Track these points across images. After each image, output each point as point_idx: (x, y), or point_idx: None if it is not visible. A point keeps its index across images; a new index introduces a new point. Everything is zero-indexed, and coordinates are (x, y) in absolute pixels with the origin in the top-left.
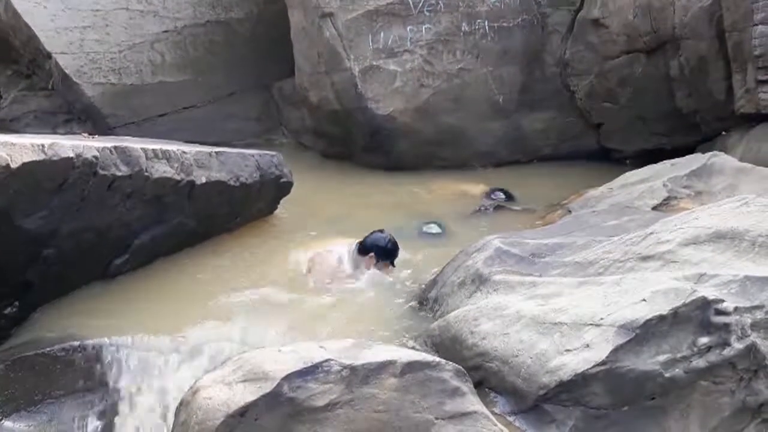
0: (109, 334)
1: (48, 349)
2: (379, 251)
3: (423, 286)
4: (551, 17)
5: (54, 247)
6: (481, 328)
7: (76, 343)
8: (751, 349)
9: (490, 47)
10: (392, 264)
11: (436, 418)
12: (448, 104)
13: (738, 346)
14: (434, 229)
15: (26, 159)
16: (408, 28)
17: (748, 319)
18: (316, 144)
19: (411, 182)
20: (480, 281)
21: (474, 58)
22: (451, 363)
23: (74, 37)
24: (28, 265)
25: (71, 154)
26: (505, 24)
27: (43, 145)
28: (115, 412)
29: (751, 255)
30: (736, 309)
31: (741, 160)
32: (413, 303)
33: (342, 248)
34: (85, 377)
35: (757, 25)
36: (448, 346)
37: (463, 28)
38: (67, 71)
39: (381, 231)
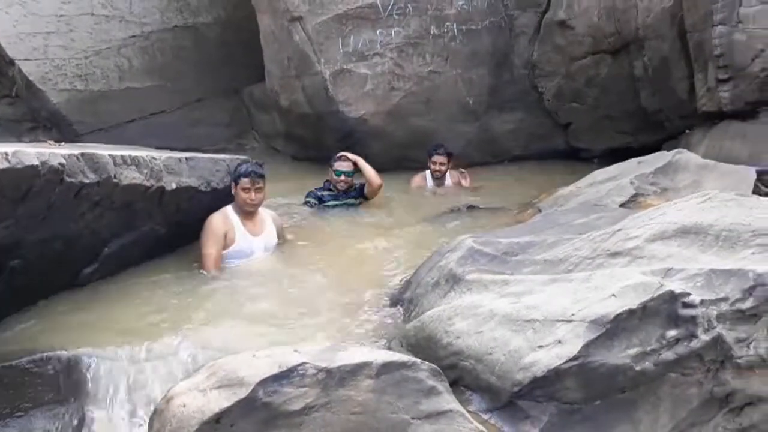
0: (79, 344)
1: (16, 361)
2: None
3: (397, 286)
4: (518, 19)
5: (20, 258)
6: (456, 327)
7: (45, 355)
8: (717, 341)
9: (459, 50)
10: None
11: (413, 418)
12: (418, 107)
13: (705, 337)
14: None
15: None
16: (378, 32)
17: (713, 311)
18: (288, 147)
19: (384, 184)
20: (454, 281)
21: (443, 60)
22: (426, 363)
23: (38, 43)
24: None
25: (36, 162)
26: (473, 26)
27: (6, 153)
28: (86, 424)
29: (716, 249)
30: (702, 302)
31: (704, 156)
32: (388, 304)
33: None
34: (54, 389)
35: (716, 25)
36: (424, 345)
37: (432, 31)
38: (31, 78)
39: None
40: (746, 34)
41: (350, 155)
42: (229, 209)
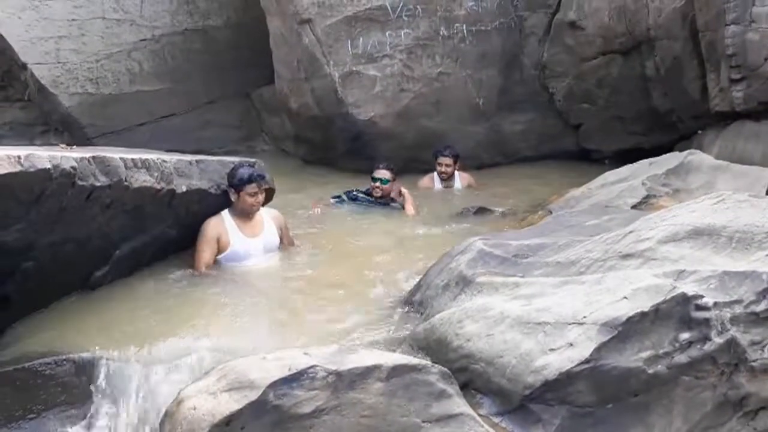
0: (90, 346)
1: (28, 363)
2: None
3: (408, 289)
4: (528, 20)
5: (32, 260)
6: (466, 329)
7: (58, 357)
8: (731, 343)
9: (468, 51)
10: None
11: (423, 421)
12: (428, 108)
13: (718, 340)
14: None
15: (2, 171)
16: (387, 33)
17: (727, 313)
18: (298, 150)
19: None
20: (464, 283)
21: (453, 62)
22: (436, 366)
23: (50, 47)
24: (6, 279)
25: (48, 165)
26: (483, 28)
27: (19, 157)
28: (98, 426)
29: (729, 250)
30: (715, 304)
31: (717, 157)
32: (398, 306)
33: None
34: (66, 391)
35: (729, 25)
36: (434, 348)
37: (441, 33)
38: (43, 82)
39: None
40: (759, 33)
41: (403, 190)
42: (225, 213)
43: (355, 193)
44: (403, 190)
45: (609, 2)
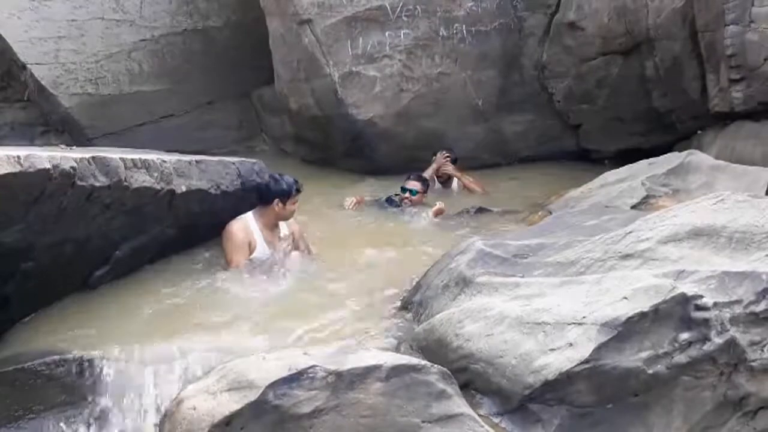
0: (90, 346)
1: (28, 363)
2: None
3: (407, 289)
4: (528, 21)
5: (32, 261)
6: (466, 330)
7: (57, 357)
8: (731, 344)
9: (468, 51)
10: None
11: (423, 422)
12: (427, 108)
13: (718, 340)
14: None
15: (2, 171)
16: (387, 34)
17: (727, 313)
18: (297, 150)
19: (392, 186)
20: (464, 283)
21: (452, 62)
22: (436, 366)
23: (49, 47)
24: (6, 279)
25: (48, 166)
26: (482, 28)
27: (18, 157)
28: (98, 426)
29: (728, 251)
30: (715, 304)
31: (716, 157)
32: (398, 307)
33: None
34: (66, 391)
35: (728, 25)
36: (434, 348)
37: (441, 33)
38: (42, 82)
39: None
40: (758, 33)
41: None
42: (249, 218)
43: (392, 197)
44: (439, 204)
45: (609, 3)
